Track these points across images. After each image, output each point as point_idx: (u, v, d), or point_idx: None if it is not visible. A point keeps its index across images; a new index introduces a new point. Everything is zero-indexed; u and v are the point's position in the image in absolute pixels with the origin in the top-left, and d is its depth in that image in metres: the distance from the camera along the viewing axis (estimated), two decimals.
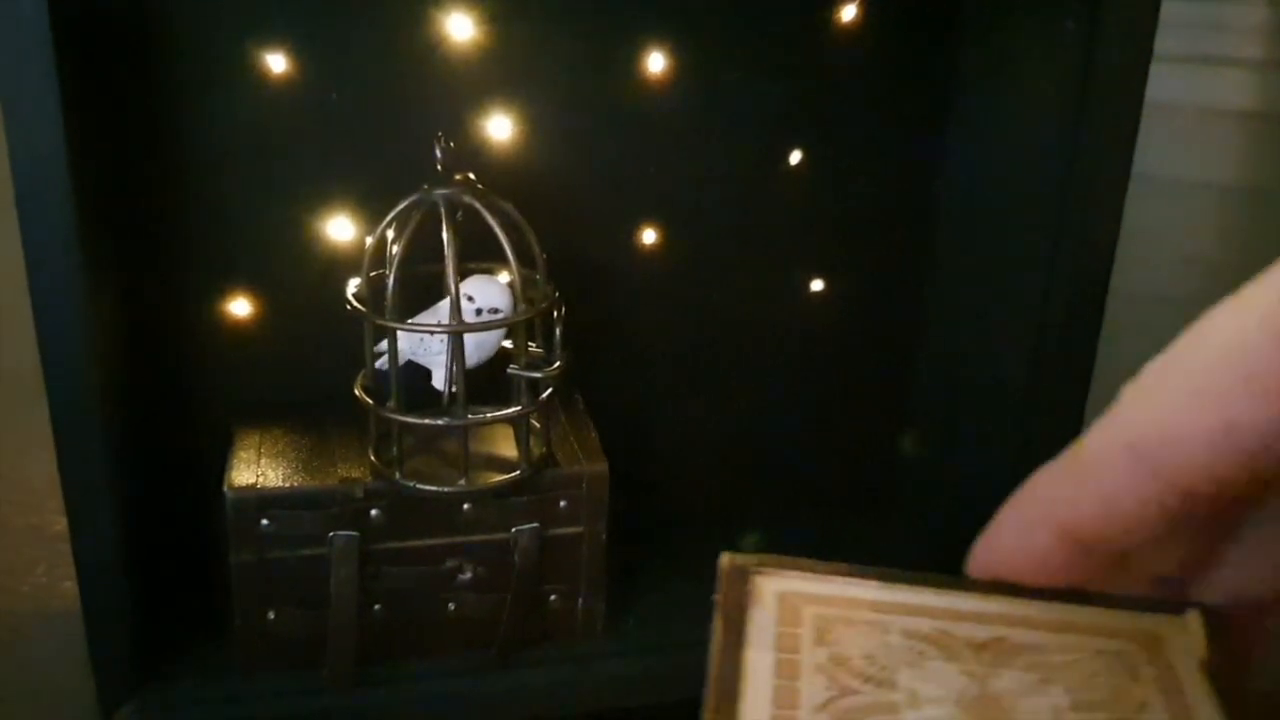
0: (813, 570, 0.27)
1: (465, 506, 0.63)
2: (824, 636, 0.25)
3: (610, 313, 0.75)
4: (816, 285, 0.78)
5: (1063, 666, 0.24)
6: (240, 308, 0.69)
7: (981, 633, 0.25)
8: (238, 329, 0.69)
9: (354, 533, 0.62)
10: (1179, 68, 2.21)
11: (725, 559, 0.26)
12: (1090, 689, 0.24)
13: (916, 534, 0.80)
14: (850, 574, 0.27)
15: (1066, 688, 0.24)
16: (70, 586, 0.65)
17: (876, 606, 0.26)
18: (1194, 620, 0.26)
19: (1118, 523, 0.24)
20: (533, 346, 0.63)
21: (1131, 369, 0.24)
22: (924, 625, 0.25)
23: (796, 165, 0.74)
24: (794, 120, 0.74)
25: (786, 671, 0.23)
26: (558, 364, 0.62)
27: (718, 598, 0.25)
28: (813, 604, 0.26)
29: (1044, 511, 0.25)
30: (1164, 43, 0.65)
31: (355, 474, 0.63)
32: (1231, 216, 1.66)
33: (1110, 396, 0.24)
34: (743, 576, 0.26)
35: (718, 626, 0.25)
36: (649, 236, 0.74)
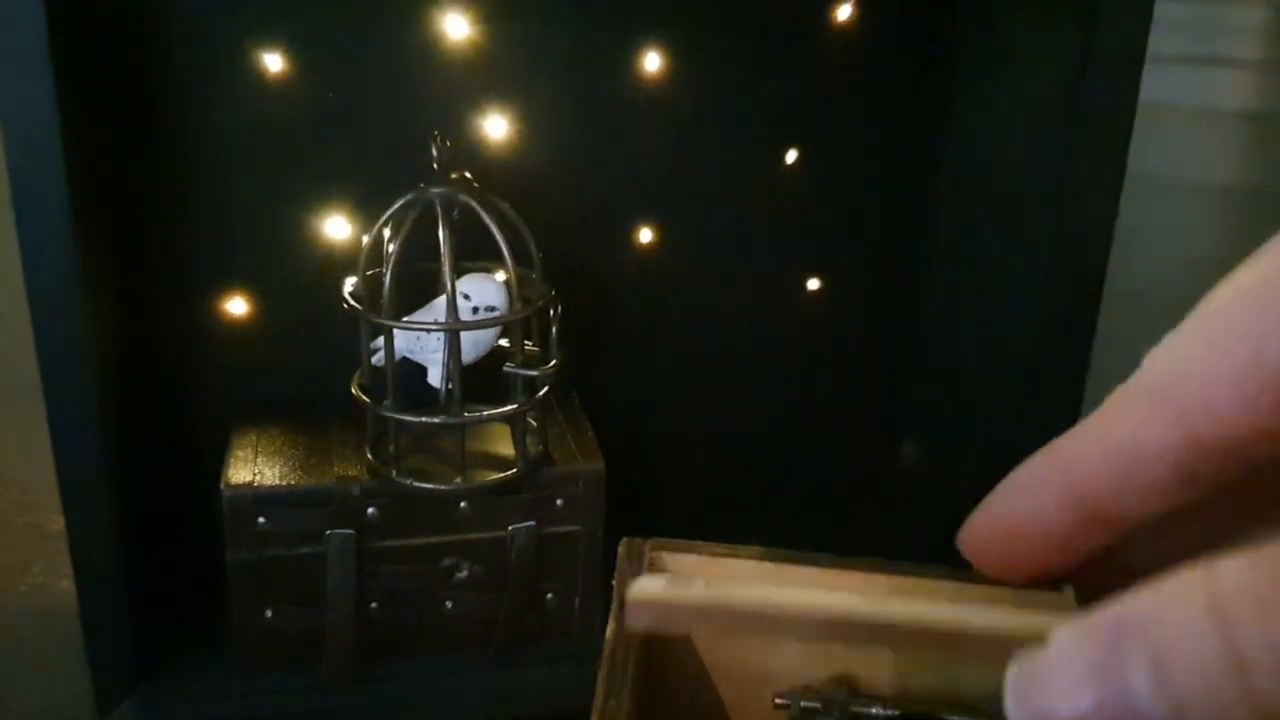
0: (708, 553, 0.28)
1: (462, 505, 0.63)
2: None
3: (606, 311, 0.75)
4: (813, 284, 0.78)
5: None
6: (237, 307, 0.69)
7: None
8: (235, 328, 0.69)
9: (351, 531, 0.62)
10: (1178, 68, 2.21)
11: (623, 544, 0.27)
12: None
13: (915, 533, 0.80)
14: (741, 556, 0.27)
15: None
16: (67, 586, 0.65)
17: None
18: (1068, 596, 0.27)
19: (1129, 478, 0.23)
20: (529, 345, 0.63)
21: (1129, 368, 0.24)
22: None
23: (793, 164, 0.74)
24: (791, 119, 0.74)
25: None
26: (554, 362, 0.62)
27: (615, 581, 0.26)
28: None
29: (1055, 467, 0.25)
30: (1163, 43, 0.65)
31: (352, 472, 0.63)
32: (1231, 217, 1.66)
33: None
34: (639, 560, 0.27)
35: (614, 608, 0.25)
36: (645, 235, 0.74)
